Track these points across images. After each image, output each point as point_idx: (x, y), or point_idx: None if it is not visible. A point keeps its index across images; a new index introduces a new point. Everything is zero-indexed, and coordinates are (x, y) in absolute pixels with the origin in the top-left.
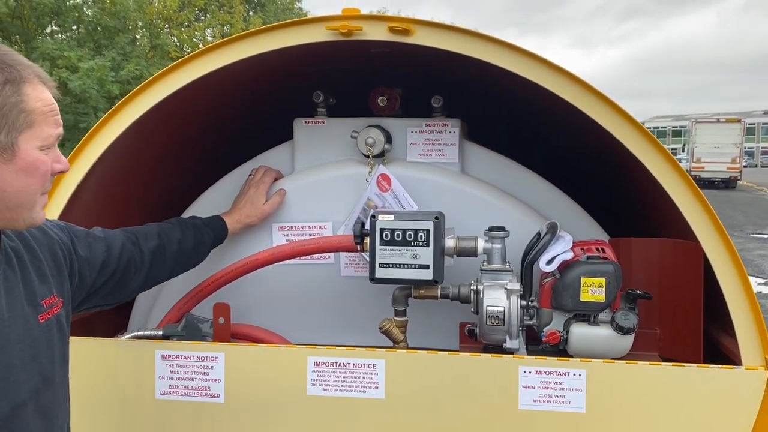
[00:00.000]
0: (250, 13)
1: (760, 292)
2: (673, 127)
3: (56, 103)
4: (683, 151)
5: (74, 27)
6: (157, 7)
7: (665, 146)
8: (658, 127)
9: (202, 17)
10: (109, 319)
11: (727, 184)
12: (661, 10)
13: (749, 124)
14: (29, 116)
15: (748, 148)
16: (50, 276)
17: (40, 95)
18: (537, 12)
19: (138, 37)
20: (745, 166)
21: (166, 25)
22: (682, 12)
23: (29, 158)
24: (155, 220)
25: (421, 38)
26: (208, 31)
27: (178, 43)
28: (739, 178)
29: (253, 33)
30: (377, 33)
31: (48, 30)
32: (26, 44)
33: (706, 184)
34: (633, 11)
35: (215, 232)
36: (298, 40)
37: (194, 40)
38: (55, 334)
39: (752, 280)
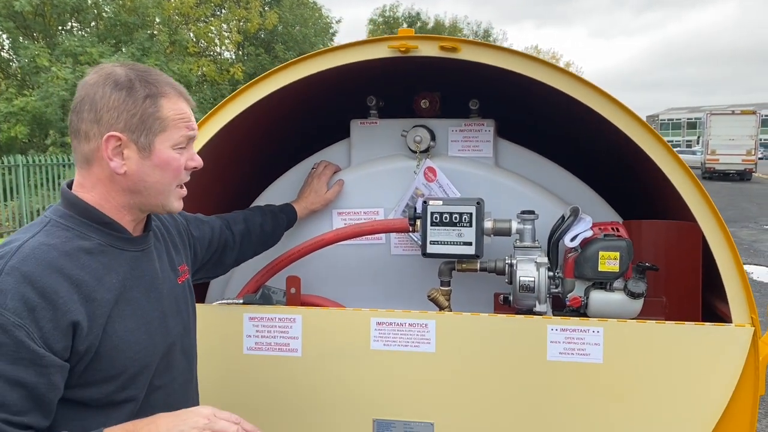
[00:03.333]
0: (266, 8)
1: None
2: (688, 119)
3: (190, 112)
4: (698, 143)
5: (93, 23)
6: (175, 2)
7: (680, 138)
8: (672, 119)
9: (218, 13)
10: None
11: (742, 176)
12: (682, 1)
13: (765, 115)
14: (162, 122)
15: (764, 140)
16: (180, 248)
17: (174, 106)
18: (555, 3)
19: (156, 33)
20: (760, 158)
21: (184, 21)
22: (703, 2)
23: (162, 156)
24: (232, 204)
25: (466, 54)
26: (224, 26)
27: (195, 39)
28: (754, 170)
29: (331, 50)
30: (430, 50)
31: (68, 26)
32: (48, 40)
33: (720, 176)
34: (654, 1)
35: (288, 216)
36: (366, 56)
37: (210, 35)
38: (188, 293)
39: (764, 270)
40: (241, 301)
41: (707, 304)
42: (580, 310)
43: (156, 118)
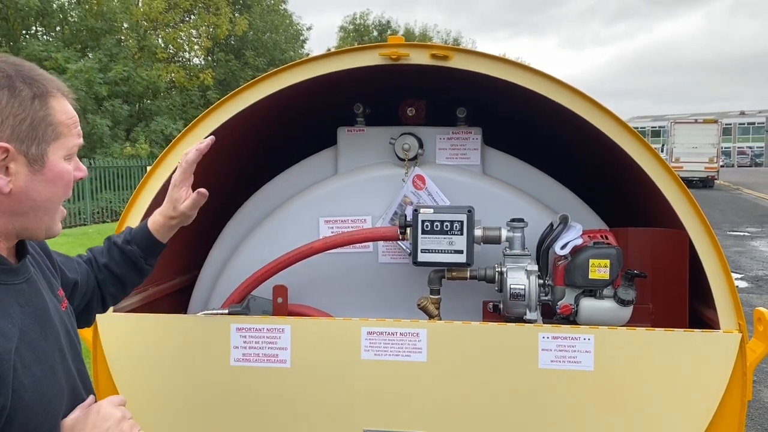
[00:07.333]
0: (236, 14)
1: (738, 286)
2: (652, 127)
3: (76, 115)
4: (662, 151)
5: (58, 28)
6: (144, 8)
7: None
8: (637, 128)
9: (188, 18)
10: (169, 304)
11: (705, 183)
12: (652, 12)
13: (726, 124)
14: (56, 129)
15: (725, 148)
16: (54, 271)
17: (64, 108)
18: (531, 13)
19: (123, 38)
20: (722, 166)
21: (152, 27)
22: (672, 14)
23: (56, 168)
24: (208, 219)
25: (457, 62)
26: (194, 32)
27: (164, 45)
28: (716, 177)
29: (321, 57)
30: (421, 58)
31: (32, 30)
32: (11, 45)
33: (684, 183)
34: (625, 12)
35: (141, 244)
36: (357, 63)
37: (179, 40)
38: (74, 320)
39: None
40: (227, 311)
41: (692, 309)
42: (570, 318)
43: (48, 124)
